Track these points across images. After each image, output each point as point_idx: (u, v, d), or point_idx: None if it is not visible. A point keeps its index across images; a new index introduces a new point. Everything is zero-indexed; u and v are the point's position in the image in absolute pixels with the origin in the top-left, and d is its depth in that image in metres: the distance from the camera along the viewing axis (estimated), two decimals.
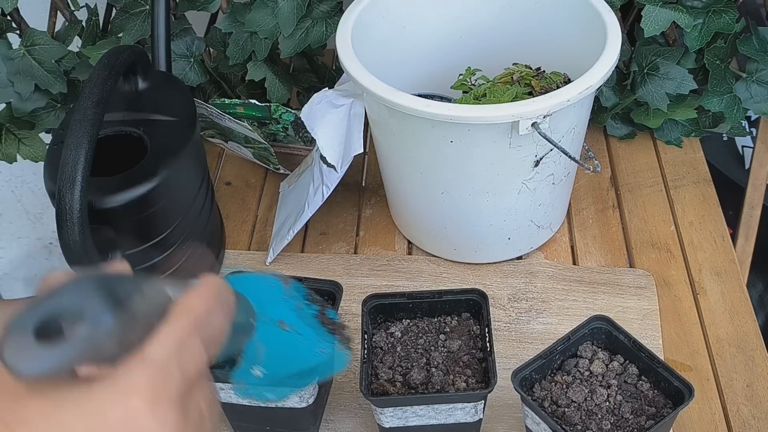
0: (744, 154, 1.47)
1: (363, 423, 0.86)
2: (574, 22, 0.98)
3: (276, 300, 0.74)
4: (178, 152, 0.87)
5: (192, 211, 0.92)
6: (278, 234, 1.04)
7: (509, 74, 0.98)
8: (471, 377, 0.78)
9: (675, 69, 1.10)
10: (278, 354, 0.71)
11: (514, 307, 0.96)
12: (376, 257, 1.04)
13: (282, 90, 1.14)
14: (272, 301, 0.74)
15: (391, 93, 0.86)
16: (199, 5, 1.10)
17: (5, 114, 1.13)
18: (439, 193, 0.94)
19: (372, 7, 0.98)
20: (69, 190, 0.75)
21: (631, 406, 0.76)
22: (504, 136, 0.85)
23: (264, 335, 0.70)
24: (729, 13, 1.05)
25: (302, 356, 0.73)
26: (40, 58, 1.07)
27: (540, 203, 0.96)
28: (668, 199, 1.10)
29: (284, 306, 0.75)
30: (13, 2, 1.04)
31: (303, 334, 0.74)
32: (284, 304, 0.75)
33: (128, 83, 0.93)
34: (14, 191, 1.66)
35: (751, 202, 1.23)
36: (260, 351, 0.69)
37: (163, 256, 0.89)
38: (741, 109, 1.10)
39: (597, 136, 1.20)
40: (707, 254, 1.03)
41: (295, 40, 1.10)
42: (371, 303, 0.83)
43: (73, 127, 0.76)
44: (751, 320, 0.95)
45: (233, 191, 1.15)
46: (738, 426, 0.85)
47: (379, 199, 1.12)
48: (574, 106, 0.85)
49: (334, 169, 0.95)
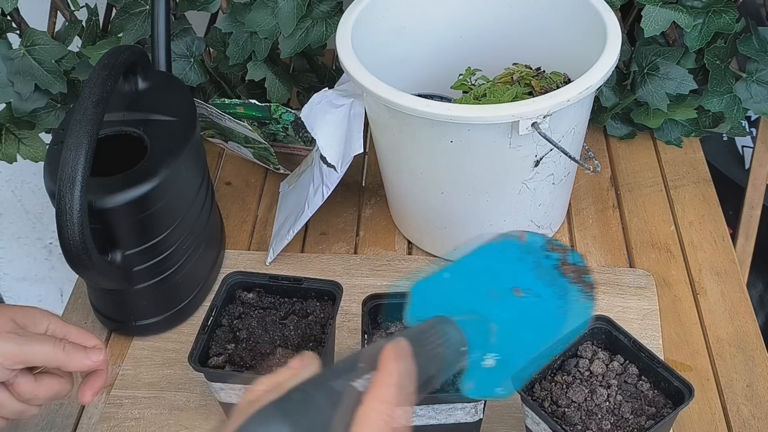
0: (744, 154, 1.47)
1: None
2: (574, 22, 0.98)
3: (510, 263, 0.70)
4: (178, 152, 0.87)
5: (192, 211, 0.92)
6: (278, 234, 1.04)
7: (509, 74, 0.98)
8: None
9: (675, 69, 1.10)
10: (513, 330, 0.66)
11: None
12: (376, 257, 1.04)
13: (282, 90, 1.14)
14: (505, 267, 0.70)
15: (391, 93, 0.86)
16: (199, 5, 1.10)
17: (5, 114, 1.13)
18: (439, 193, 0.94)
19: (372, 7, 0.98)
20: (69, 190, 0.75)
21: (631, 406, 0.76)
22: (504, 136, 0.85)
23: (495, 313, 0.66)
24: (729, 13, 1.05)
25: (540, 323, 0.68)
26: (40, 58, 1.07)
27: (540, 203, 0.96)
28: (668, 199, 1.10)
29: (519, 267, 0.70)
30: (13, 2, 1.05)
31: (541, 295, 0.69)
32: (519, 264, 0.70)
33: (128, 83, 0.93)
34: (14, 191, 1.66)
35: (751, 202, 1.23)
36: (492, 335, 0.65)
37: (163, 256, 0.89)
38: (741, 109, 1.10)
39: (597, 136, 1.20)
40: (707, 254, 1.03)
41: (295, 40, 1.10)
42: (371, 303, 0.83)
43: (73, 127, 0.77)
44: (751, 320, 0.95)
45: (233, 191, 1.15)
46: (738, 426, 0.85)
47: (379, 199, 1.12)
48: (574, 106, 0.85)
49: (334, 169, 0.95)
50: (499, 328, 0.65)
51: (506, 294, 0.68)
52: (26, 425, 0.88)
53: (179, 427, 0.86)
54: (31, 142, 1.15)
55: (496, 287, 0.68)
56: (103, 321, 0.96)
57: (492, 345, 0.64)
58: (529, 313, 0.68)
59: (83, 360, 0.72)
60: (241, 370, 0.79)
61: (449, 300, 0.66)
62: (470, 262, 0.69)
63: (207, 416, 0.87)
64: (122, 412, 0.88)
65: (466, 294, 0.67)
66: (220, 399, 0.81)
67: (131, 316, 0.93)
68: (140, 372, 0.92)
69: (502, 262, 0.70)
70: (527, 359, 0.66)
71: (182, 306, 0.95)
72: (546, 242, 0.71)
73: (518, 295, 0.68)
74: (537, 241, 0.71)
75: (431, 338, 0.59)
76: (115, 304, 0.93)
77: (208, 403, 0.88)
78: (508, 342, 0.65)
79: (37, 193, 1.66)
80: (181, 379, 0.91)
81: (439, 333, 0.59)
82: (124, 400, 0.89)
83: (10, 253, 1.79)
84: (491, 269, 0.69)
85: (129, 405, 0.89)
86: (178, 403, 0.89)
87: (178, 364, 0.92)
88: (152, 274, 0.89)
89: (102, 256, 0.82)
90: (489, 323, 0.65)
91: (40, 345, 0.70)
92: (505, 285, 0.68)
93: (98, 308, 0.95)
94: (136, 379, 0.91)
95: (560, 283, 0.70)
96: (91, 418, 0.88)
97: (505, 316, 0.66)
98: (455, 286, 0.67)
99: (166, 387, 0.90)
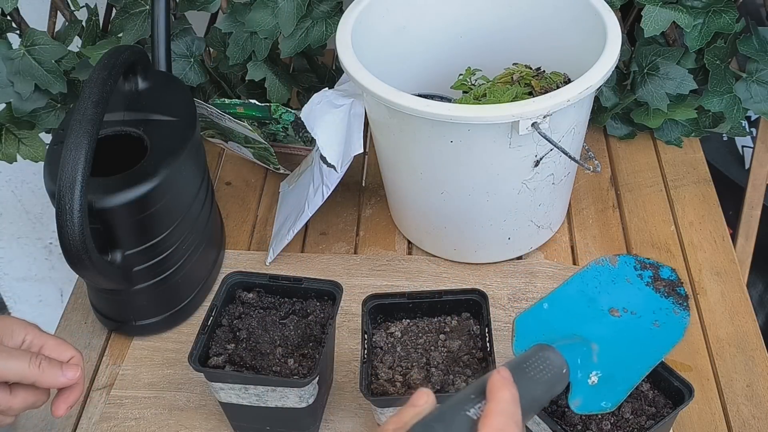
0: (744, 154, 1.47)
1: (363, 423, 0.86)
2: (574, 22, 0.98)
3: (604, 286, 0.76)
4: (178, 152, 0.87)
5: (192, 211, 0.92)
6: (278, 234, 1.04)
7: (509, 74, 0.98)
8: (471, 377, 0.78)
9: (675, 69, 1.10)
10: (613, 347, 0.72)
11: (514, 307, 0.96)
12: (376, 257, 1.04)
13: (282, 90, 1.14)
14: (600, 290, 0.75)
15: (391, 93, 0.86)
16: (199, 5, 1.10)
17: (5, 114, 1.13)
18: (439, 193, 0.94)
19: (372, 7, 0.98)
20: (69, 190, 0.75)
21: (631, 406, 0.76)
22: (504, 136, 0.85)
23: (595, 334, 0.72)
24: (729, 13, 1.05)
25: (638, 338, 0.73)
26: (40, 58, 1.07)
27: (540, 203, 0.96)
28: (668, 199, 1.10)
29: (613, 289, 0.76)
30: (13, 2, 1.05)
31: (636, 311, 0.75)
32: (613, 286, 0.76)
33: (128, 83, 0.93)
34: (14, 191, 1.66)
35: (751, 202, 1.23)
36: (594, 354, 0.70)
37: (163, 256, 0.89)
38: (741, 109, 1.10)
39: (597, 136, 1.20)
40: (707, 254, 1.03)
41: (295, 40, 1.10)
42: (371, 303, 0.83)
43: (73, 127, 0.77)
44: (751, 320, 0.95)
45: (233, 191, 1.15)
46: (738, 426, 0.85)
47: (379, 199, 1.12)
48: (574, 106, 0.85)
49: (334, 169, 0.95)
50: (600, 348, 0.71)
51: (603, 315, 0.74)
52: (26, 425, 0.88)
53: (179, 427, 0.87)
54: (31, 142, 1.15)
55: (593, 310, 0.74)
56: (103, 321, 0.96)
57: (595, 363, 0.70)
58: (626, 330, 0.74)
59: (58, 378, 0.72)
60: (241, 370, 0.79)
61: (550, 327, 0.72)
62: (566, 291, 0.75)
63: (207, 416, 0.87)
64: (122, 412, 0.88)
65: (565, 320, 0.73)
66: (220, 399, 0.81)
67: (131, 316, 0.93)
68: (140, 372, 0.92)
69: (596, 287, 0.76)
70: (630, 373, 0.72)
71: (182, 306, 0.95)
72: (636, 262, 0.76)
73: (615, 315, 0.74)
74: (628, 262, 0.78)
75: (533, 364, 0.65)
76: (115, 304, 0.93)
77: (208, 403, 0.88)
78: (609, 359, 0.71)
79: (37, 193, 1.66)
80: (181, 379, 0.91)
81: (540, 359, 0.65)
82: (124, 400, 0.89)
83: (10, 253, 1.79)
84: (587, 294, 0.75)
85: (129, 405, 0.89)
86: (178, 403, 0.89)
87: (178, 364, 0.92)
88: (152, 274, 0.89)
89: (102, 256, 0.82)
90: (590, 344, 0.71)
91: (15, 361, 0.70)
92: (601, 307, 0.75)
93: (98, 308, 0.95)
94: (136, 379, 0.91)
95: (654, 299, 0.74)
96: (91, 418, 0.88)
97: (604, 335, 0.72)
98: (554, 314, 0.74)
99: (166, 387, 0.90)
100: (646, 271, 0.77)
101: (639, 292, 0.76)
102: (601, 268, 0.77)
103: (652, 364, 0.73)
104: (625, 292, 0.76)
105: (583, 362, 0.69)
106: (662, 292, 0.76)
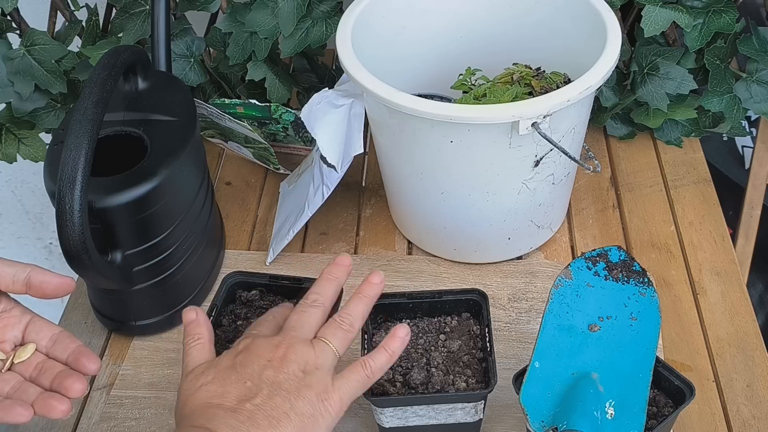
0: (744, 154, 1.47)
1: (363, 423, 0.86)
2: (574, 22, 0.98)
3: (573, 306, 0.75)
4: (178, 152, 0.87)
5: (192, 211, 0.92)
6: (278, 234, 1.04)
7: (509, 74, 0.98)
8: (471, 377, 0.78)
9: (675, 69, 1.10)
10: (609, 364, 0.71)
11: (514, 307, 0.96)
12: (376, 257, 1.04)
13: (282, 90, 1.14)
14: (572, 314, 0.74)
15: (391, 93, 0.86)
16: (199, 5, 1.10)
17: (5, 114, 1.13)
18: (439, 193, 0.94)
19: (372, 7, 0.98)
20: (69, 190, 0.75)
21: None
22: (504, 136, 0.85)
23: (588, 362, 0.71)
24: (729, 13, 1.05)
25: (625, 340, 0.72)
26: (40, 58, 1.07)
27: (540, 203, 0.96)
28: (668, 199, 1.10)
29: (581, 304, 0.75)
30: (13, 2, 1.05)
31: (610, 314, 0.74)
32: (580, 301, 0.75)
33: (128, 83, 0.93)
34: (14, 191, 1.66)
35: (751, 202, 1.23)
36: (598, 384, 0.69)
37: (163, 256, 0.89)
38: (741, 109, 1.10)
39: (597, 136, 1.20)
40: (707, 254, 1.03)
41: (295, 40, 1.10)
42: None
43: (73, 127, 0.76)
44: (751, 320, 0.95)
45: (233, 191, 1.15)
46: (738, 426, 0.85)
47: (379, 199, 1.12)
48: (574, 106, 0.85)
49: (334, 169, 0.95)
50: (600, 374, 0.70)
51: (586, 337, 0.73)
52: (26, 425, 0.87)
53: None
54: (31, 142, 1.15)
55: (576, 338, 0.73)
56: (103, 321, 0.96)
57: (603, 394, 0.69)
58: (611, 340, 0.73)
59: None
60: None
61: (551, 383, 0.71)
62: (546, 337, 0.74)
63: None
64: (122, 412, 0.88)
65: (559, 366, 0.72)
66: None
67: (131, 316, 0.93)
68: (140, 372, 0.92)
69: (566, 312, 0.75)
70: (636, 386, 0.71)
71: (182, 306, 0.94)
72: (585, 260, 0.75)
73: (596, 331, 0.73)
74: (580, 265, 0.76)
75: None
76: (115, 304, 0.93)
77: None
78: (613, 381, 0.70)
79: (37, 193, 1.66)
80: None
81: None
82: (124, 400, 0.89)
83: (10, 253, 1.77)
84: (563, 326, 0.74)
85: (129, 405, 0.89)
86: None
87: (178, 364, 0.92)
88: (152, 274, 0.89)
89: (102, 256, 0.82)
90: (590, 376, 0.70)
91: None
92: (581, 330, 0.73)
93: (98, 308, 0.95)
94: (136, 379, 0.91)
95: (618, 290, 0.73)
96: (91, 418, 0.88)
97: (597, 357, 0.72)
98: (548, 367, 0.72)
99: (166, 387, 0.90)
100: (598, 265, 0.75)
101: (603, 292, 0.75)
102: (562, 290, 0.76)
103: (650, 366, 0.73)
104: (592, 299, 0.75)
105: (595, 404, 0.68)
106: (622, 279, 0.74)
